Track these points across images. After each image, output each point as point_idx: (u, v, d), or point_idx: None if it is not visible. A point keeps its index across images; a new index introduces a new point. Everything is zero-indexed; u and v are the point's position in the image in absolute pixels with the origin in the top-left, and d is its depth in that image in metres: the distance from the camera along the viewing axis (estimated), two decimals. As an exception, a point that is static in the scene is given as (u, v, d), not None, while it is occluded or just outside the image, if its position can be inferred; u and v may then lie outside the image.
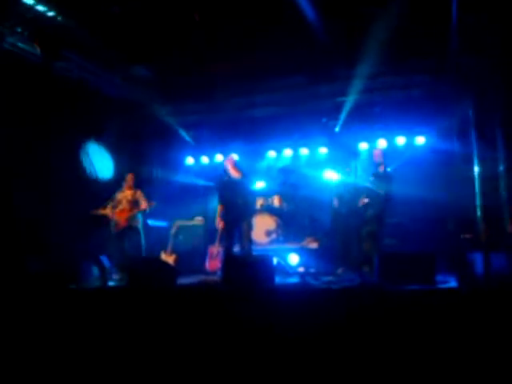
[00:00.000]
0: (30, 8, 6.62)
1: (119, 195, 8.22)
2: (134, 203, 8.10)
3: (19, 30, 7.07)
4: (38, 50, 7.08)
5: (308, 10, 6.45)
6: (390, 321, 4.45)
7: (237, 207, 7.40)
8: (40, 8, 6.66)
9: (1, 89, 7.22)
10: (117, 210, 8.06)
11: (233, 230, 7.52)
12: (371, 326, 4.42)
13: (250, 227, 7.63)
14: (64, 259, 7.53)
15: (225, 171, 7.64)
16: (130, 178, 8.28)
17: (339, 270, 7.66)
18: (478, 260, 6.08)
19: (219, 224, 7.90)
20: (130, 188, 8.24)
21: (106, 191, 8.55)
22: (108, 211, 8.08)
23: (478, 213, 6.87)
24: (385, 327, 4.41)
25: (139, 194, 8.18)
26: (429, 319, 4.38)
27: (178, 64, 8.39)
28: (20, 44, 7.33)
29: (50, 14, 6.76)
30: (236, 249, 7.72)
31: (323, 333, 4.43)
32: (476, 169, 6.73)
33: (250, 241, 7.59)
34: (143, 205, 8.09)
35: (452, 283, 5.62)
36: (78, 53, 7.94)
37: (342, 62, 8.09)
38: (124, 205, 8.08)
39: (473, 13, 6.19)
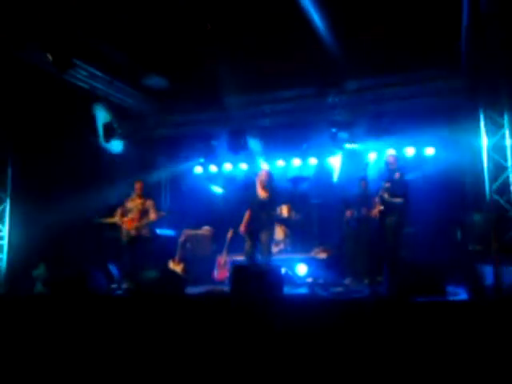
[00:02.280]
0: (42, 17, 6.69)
1: (129, 203, 8.10)
2: (144, 212, 7.98)
3: (31, 38, 7.14)
4: (51, 58, 7.11)
5: (318, 23, 6.47)
6: (400, 332, 4.41)
7: (260, 220, 7.40)
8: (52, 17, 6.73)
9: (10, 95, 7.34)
10: (126, 219, 7.99)
11: (255, 239, 7.50)
12: (381, 337, 4.39)
13: (269, 238, 7.52)
14: (73, 267, 7.56)
15: (254, 186, 7.59)
16: (138, 185, 8.16)
17: (347, 281, 7.63)
18: (488, 272, 6.04)
19: (242, 229, 7.69)
20: (140, 196, 8.10)
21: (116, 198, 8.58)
22: (116, 219, 8.03)
23: (488, 224, 6.81)
24: (394, 339, 4.37)
25: (149, 204, 8.06)
26: (439, 331, 4.33)
27: (187, 73, 8.42)
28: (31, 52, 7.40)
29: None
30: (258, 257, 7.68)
31: (332, 344, 4.40)
32: (486, 179, 6.69)
33: (270, 252, 7.51)
34: (153, 215, 7.99)
35: (462, 295, 5.57)
36: (89, 61, 7.99)
37: (352, 74, 8.09)
38: (134, 214, 7.96)
39: (483, 20, 6.17)
